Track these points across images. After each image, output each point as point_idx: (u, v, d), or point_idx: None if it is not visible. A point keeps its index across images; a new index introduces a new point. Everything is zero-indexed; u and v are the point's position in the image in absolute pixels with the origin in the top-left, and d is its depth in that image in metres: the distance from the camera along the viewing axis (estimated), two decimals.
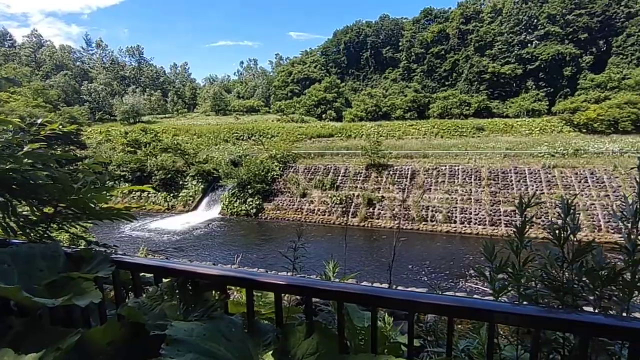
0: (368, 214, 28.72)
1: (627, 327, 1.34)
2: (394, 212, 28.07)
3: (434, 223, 26.77)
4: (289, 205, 31.72)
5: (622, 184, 24.94)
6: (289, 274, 2.85)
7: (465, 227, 25.95)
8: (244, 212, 32.07)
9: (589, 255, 1.59)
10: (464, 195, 27.91)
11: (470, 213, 26.61)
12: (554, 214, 23.83)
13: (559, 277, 1.65)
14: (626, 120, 40.92)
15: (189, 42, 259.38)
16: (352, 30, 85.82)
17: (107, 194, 2.55)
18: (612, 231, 22.29)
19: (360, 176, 32.10)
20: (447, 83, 69.41)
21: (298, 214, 30.73)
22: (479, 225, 25.78)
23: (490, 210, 26.28)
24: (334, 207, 29.93)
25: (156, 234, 27.95)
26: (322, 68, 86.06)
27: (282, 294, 2.08)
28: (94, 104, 77.15)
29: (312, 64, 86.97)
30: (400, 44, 79.39)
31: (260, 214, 31.88)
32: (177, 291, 2.00)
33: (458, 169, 30.13)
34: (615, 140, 35.50)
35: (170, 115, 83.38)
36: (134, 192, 35.57)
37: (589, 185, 25.88)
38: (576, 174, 27.07)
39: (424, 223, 26.97)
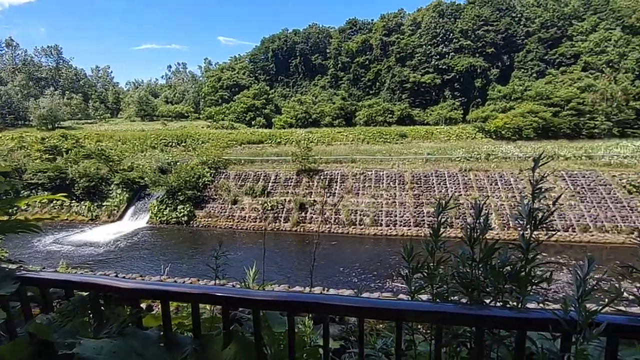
0: (300, 218, 28.83)
1: (516, 318, 1.49)
2: (325, 216, 28.51)
3: (362, 226, 27.58)
4: (221, 212, 30.84)
5: (526, 186, 27.69)
6: (211, 282, 2.78)
7: (391, 229, 27.07)
8: (175, 220, 30.56)
9: (496, 254, 1.71)
10: (389, 199, 29.13)
11: (396, 216, 27.83)
12: (470, 214, 25.76)
13: (469, 275, 1.76)
14: (529, 128, 45.71)
15: (112, 44, 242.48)
16: (279, 39, 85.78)
17: (10, 204, 2.34)
18: (519, 229, 24.58)
19: (292, 182, 32.16)
20: (371, 92, 71.94)
21: (230, 222, 29.97)
22: (404, 227, 27.05)
23: (414, 212, 27.71)
24: (265, 214, 29.65)
25: (78, 247, 25.70)
26: (251, 75, 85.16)
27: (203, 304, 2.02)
28: (4, 107, 69.14)
29: (240, 71, 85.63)
30: (328, 51, 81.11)
31: (192, 222, 30.58)
32: (88, 306, 1.88)
33: (383, 174, 31.40)
34: (520, 146, 39.40)
35: (92, 120, 77.18)
36: (55, 202, 32.75)
37: (499, 187, 28.40)
38: (488, 176, 29.55)
39: (352, 227, 27.67)
